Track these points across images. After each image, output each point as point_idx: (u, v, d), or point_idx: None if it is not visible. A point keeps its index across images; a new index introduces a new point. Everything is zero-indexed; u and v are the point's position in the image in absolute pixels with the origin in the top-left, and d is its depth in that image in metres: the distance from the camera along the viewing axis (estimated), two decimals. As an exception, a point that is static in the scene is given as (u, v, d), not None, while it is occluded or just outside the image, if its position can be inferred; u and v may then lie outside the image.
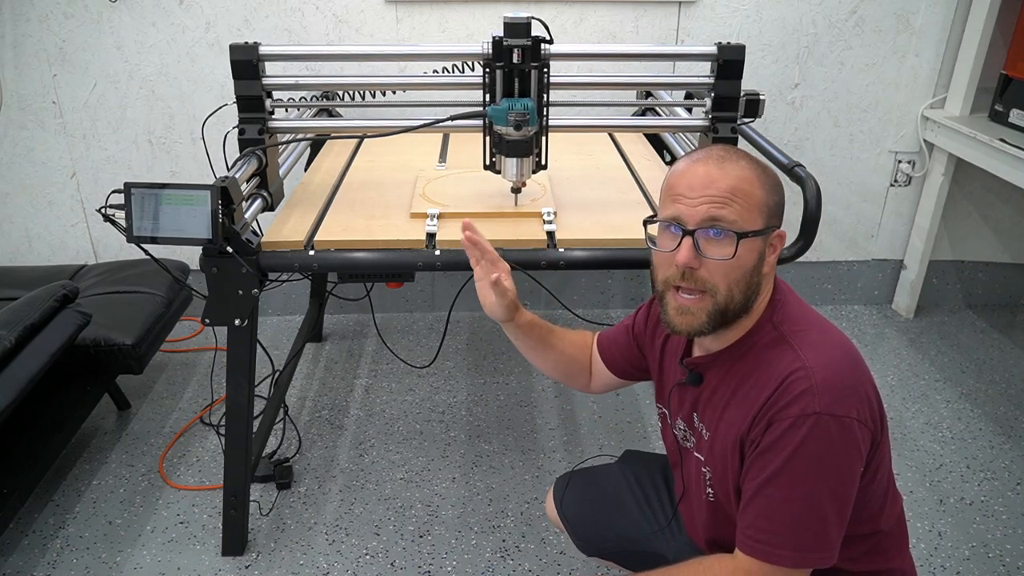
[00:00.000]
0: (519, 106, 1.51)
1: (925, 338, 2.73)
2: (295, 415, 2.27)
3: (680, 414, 1.19)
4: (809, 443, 0.94)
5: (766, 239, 1.03)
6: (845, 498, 0.97)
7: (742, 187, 1.00)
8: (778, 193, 1.04)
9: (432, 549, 1.81)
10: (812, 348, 1.00)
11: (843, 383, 0.97)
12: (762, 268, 1.03)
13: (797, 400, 0.95)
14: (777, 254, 1.05)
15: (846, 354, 1.01)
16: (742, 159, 1.02)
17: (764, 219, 1.01)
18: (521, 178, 1.62)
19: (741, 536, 1.01)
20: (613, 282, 2.87)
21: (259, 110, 1.64)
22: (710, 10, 2.47)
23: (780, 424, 0.96)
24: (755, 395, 1.01)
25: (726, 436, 1.05)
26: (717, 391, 1.09)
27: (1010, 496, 1.98)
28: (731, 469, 1.05)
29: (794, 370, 0.97)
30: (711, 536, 1.17)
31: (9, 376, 1.62)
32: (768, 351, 1.03)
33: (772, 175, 1.04)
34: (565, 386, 2.41)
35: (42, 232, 2.67)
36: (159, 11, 2.37)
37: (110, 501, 1.95)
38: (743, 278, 1.01)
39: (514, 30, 1.49)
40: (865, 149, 2.70)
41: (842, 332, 1.06)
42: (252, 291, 1.53)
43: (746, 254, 1.00)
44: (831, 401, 0.95)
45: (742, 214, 0.99)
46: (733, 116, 1.68)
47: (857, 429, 0.96)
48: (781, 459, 0.96)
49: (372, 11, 2.41)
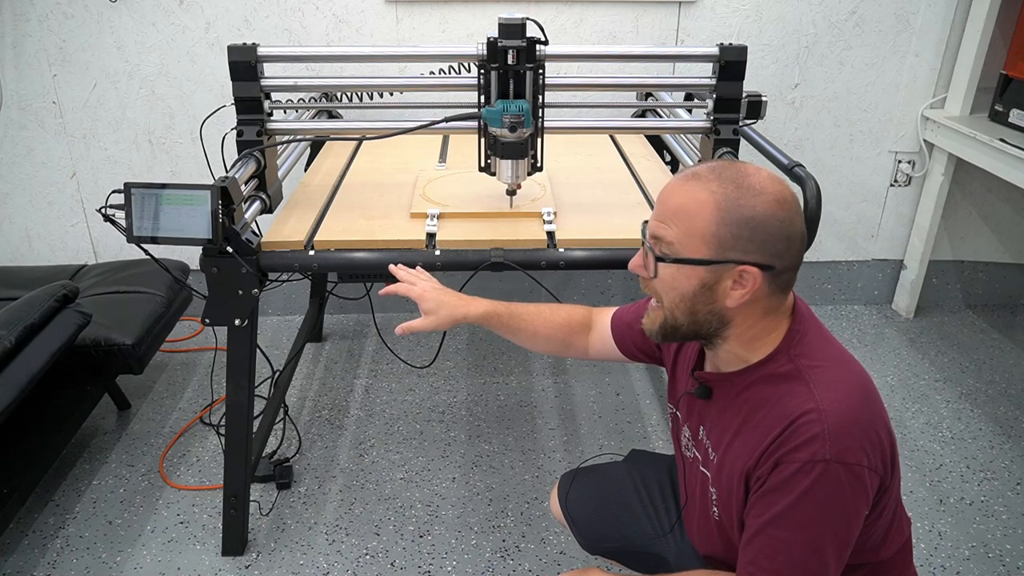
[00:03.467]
0: (514, 108, 1.49)
1: (925, 338, 2.73)
2: (295, 415, 2.27)
3: (688, 423, 1.18)
4: (817, 490, 0.92)
5: (716, 271, 0.95)
6: (847, 542, 0.96)
7: (689, 210, 0.95)
8: (739, 227, 0.93)
9: (432, 549, 1.81)
10: (827, 387, 0.96)
11: (856, 429, 0.93)
12: (717, 299, 0.97)
13: (807, 445, 0.93)
14: (748, 291, 0.96)
15: (862, 395, 0.97)
16: (715, 182, 0.95)
17: (710, 249, 0.95)
18: (516, 180, 1.61)
19: (742, 571, 1.00)
20: (613, 282, 2.87)
21: (257, 111, 1.63)
22: (710, 10, 2.47)
23: (788, 466, 0.94)
24: (764, 429, 0.98)
25: (732, 466, 1.04)
26: (726, 413, 1.07)
27: (1010, 496, 1.98)
28: (736, 500, 1.04)
29: (806, 411, 0.94)
30: (710, 552, 1.17)
31: (9, 376, 1.62)
32: (781, 384, 0.99)
33: (746, 207, 0.93)
34: (565, 386, 2.42)
35: (42, 232, 2.67)
36: (159, 11, 2.37)
37: (110, 501, 1.95)
38: (681, 302, 0.99)
39: (509, 31, 1.47)
40: (865, 149, 2.70)
41: (861, 367, 1.02)
42: (252, 291, 1.53)
43: (682, 278, 0.97)
44: (842, 449, 0.92)
45: (679, 237, 0.96)
46: (735, 117, 1.67)
47: (867, 477, 0.93)
48: (787, 502, 0.94)
49: (372, 11, 2.41)
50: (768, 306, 1.00)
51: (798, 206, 0.98)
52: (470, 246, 1.55)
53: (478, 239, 1.56)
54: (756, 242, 0.94)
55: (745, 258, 0.94)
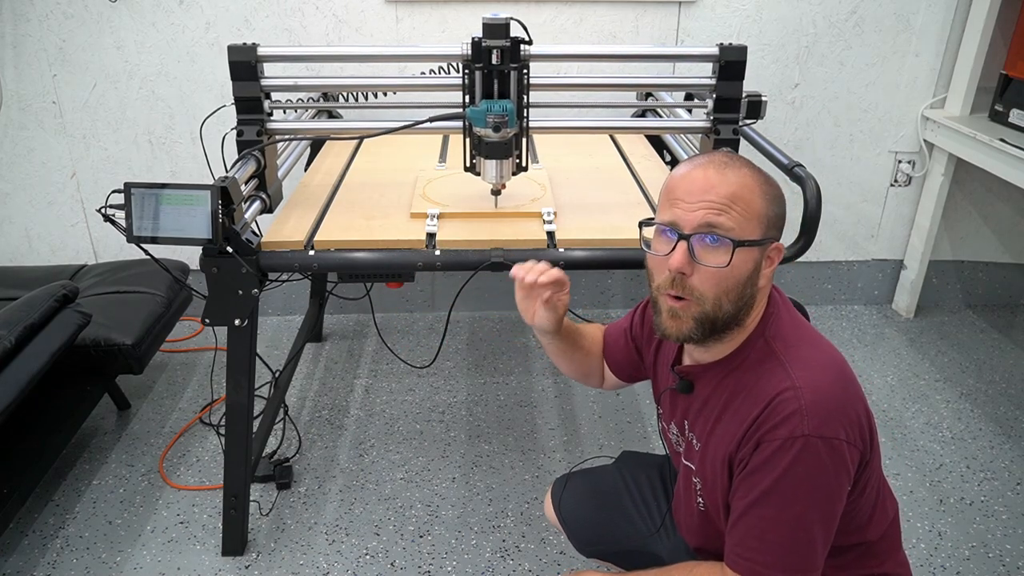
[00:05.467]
0: (497, 108, 1.49)
1: (925, 338, 2.73)
2: (295, 415, 2.27)
3: (673, 419, 1.19)
4: (798, 465, 0.94)
5: (763, 250, 1.00)
6: (832, 517, 0.98)
7: (742, 194, 0.97)
8: (779, 205, 1.01)
9: (432, 549, 1.81)
10: (803, 366, 0.98)
11: (833, 404, 0.95)
12: (757, 281, 1.01)
13: (786, 422, 0.94)
14: (774, 268, 1.03)
15: (837, 372, 0.99)
16: (744, 167, 1.00)
17: (762, 230, 0.99)
18: (501, 180, 1.61)
19: (730, 553, 1.01)
20: (613, 282, 2.87)
21: (257, 111, 1.64)
22: (710, 10, 2.47)
23: (769, 445, 0.95)
24: (744, 413, 1.00)
25: (716, 452, 1.05)
26: (708, 403, 1.08)
27: (1010, 496, 1.98)
28: (720, 486, 1.05)
29: (783, 390, 0.96)
30: (698, 544, 1.18)
31: (9, 376, 1.62)
32: (758, 367, 1.01)
33: (774, 186, 1.02)
34: (565, 386, 2.41)
35: (42, 232, 2.67)
36: (159, 11, 2.37)
37: (110, 501, 1.95)
38: (735, 288, 0.98)
39: (493, 31, 1.46)
40: (865, 149, 2.70)
41: (834, 348, 1.04)
42: (252, 291, 1.53)
43: (741, 264, 0.97)
44: (820, 423, 0.93)
45: (740, 222, 0.96)
46: (735, 118, 1.67)
47: (846, 451, 0.95)
48: (770, 480, 0.95)
49: (372, 11, 2.41)
50: (768, 282, 1.05)
51: None
52: (470, 246, 1.55)
53: (478, 239, 1.56)
54: (782, 218, 1.03)
55: (777, 234, 1.02)
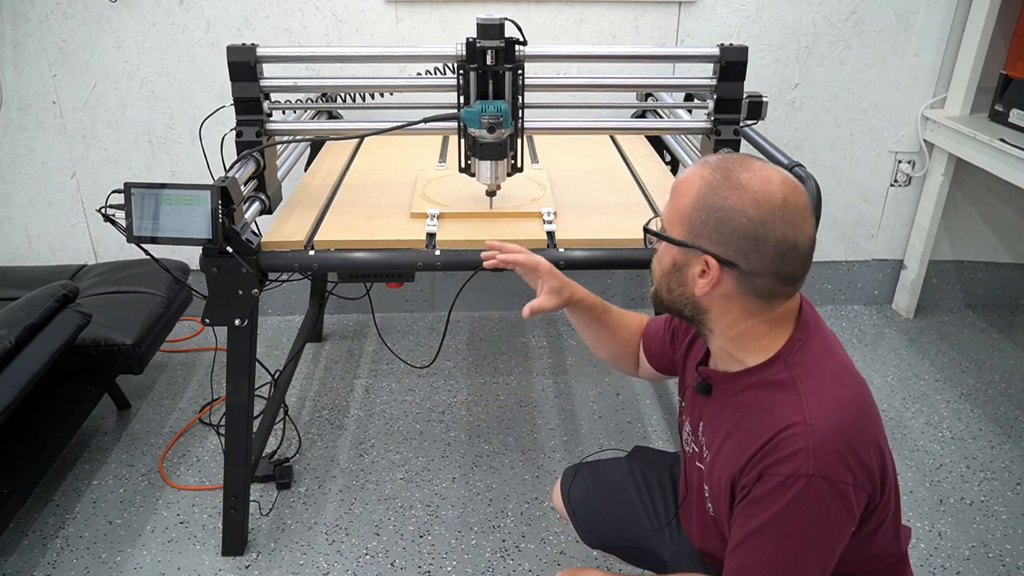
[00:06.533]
0: (492, 108, 1.49)
1: (925, 338, 2.73)
2: (295, 415, 2.27)
3: (690, 416, 1.19)
4: (799, 504, 0.92)
5: (685, 254, 0.98)
6: (830, 556, 0.96)
7: (679, 190, 1.00)
8: (708, 214, 0.95)
9: (432, 549, 1.81)
10: (820, 401, 0.95)
11: (843, 445, 0.92)
12: (686, 282, 1.00)
13: (790, 458, 0.92)
14: (710, 283, 0.97)
15: (857, 411, 0.96)
16: (710, 169, 0.96)
17: (682, 230, 0.98)
18: (496, 181, 1.61)
19: None
20: (613, 282, 2.87)
21: (257, 112, 1.64)
22: (710, 10, 2.47)
23: (771, 479, 0.94)
24: (752, 436, 0.98)
25: (722, 470, 1.04)
26: (722, 413, 1.07)
27: (1010, 496, 1.98)
28: (723, 504, 1.05)
29: (793, 424, 0.93)
30: (707, 546, 1.18)
31: (9, 376, 1.62)
32: (774, 392, 0.98)
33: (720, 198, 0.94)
34: (565, 386, 2.42)
35: (42, 232, 2.67)
36: (159, 11, 2.37)
37: (110, 501, 1.95)
38: (662, 276, 1.04)
39: (487, 31, 1.46)
40: (865, 149, 2.70)
41: (863, 383, 1.00)
42: (252, 291, 1.53)
43: (663, 253, 1.03)
44: (826, 465, 0.91)
45: (668, 215, 1.02)
46: (736, 118, 1.66)
47: (852, 493, 0.93)
48: (769, 514, 0.94)
49: (372, 11, 2.41)
50: (747, 308, 0.99)
51: (788, 214, 0.93)
52: (470, 246, 1.55)
53: (478, 239, 1.55)
54: (720, 234, 0.95)
55: (710, 248, 0.96)
